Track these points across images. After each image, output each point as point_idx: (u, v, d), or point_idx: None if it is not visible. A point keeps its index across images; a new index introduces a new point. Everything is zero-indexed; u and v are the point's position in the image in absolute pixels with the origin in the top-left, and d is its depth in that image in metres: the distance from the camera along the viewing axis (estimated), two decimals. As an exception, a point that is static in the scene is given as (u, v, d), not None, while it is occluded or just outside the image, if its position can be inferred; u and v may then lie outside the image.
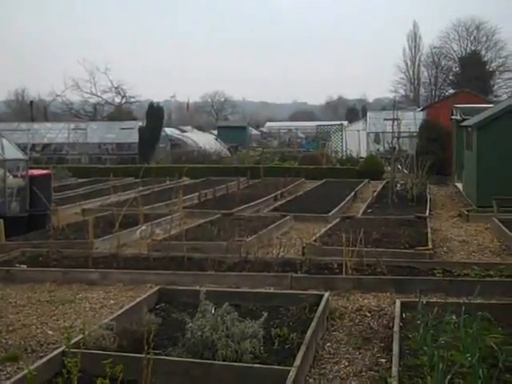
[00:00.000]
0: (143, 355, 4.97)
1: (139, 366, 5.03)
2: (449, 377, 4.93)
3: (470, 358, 5.47)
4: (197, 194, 18.75)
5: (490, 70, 65.09)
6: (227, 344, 5.71)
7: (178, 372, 5.38)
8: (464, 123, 20.20)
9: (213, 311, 6.32)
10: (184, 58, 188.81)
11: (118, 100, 66.43)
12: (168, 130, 41.54)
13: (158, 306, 7.72)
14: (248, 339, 5.88)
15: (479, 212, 15.12)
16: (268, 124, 76.75)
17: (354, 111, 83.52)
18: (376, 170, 25.69)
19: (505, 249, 11.32)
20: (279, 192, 19.83)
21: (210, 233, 12.32)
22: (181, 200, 14.53)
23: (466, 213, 15.01)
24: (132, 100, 66.56)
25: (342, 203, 16.92)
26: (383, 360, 6.15)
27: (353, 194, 19.27)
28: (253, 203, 17.19)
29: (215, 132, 50.58)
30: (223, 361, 5.58)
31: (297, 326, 6.78)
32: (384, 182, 22.18)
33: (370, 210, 15.96)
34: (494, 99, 43.72)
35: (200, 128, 57.96)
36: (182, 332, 6.11)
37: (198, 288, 7.93)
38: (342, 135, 36.32)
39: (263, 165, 28.33)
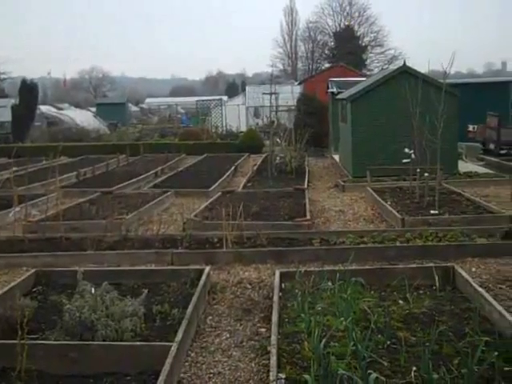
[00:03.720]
0: (17, 341, 4.82)
1: (14, 353, 4.88)
2: (324, 340, 5.09)
3: (344, 322, 5.70)
4: (75, 172, 18.29)
5: (363, 44, 67.06)
6: (107, 324, 5.64)
7: (56, 355, 5.24)
8: (339, 96, 20.76)
9: (92, 291, 6.21)
10: (61, 33, 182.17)
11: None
12: (44, 108, 40.12)
13: (34, 290, 7.48)
14: (128, 317, 5.83)
15: (354, 182, 15.67)
16: (148, 100, 75.74)
17: (234, 86, 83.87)
18: (256, 144, 25.97)
19: (377, 216, 11.80)
20: (160, 168, 19.68)
21: (89, 212, 12.06)
22: (57, 179, 14.08)
23: (342, 183, 15.51)
24: (3, 77, 63.44)
25: (223, 178, 17.02)
26: (263, 329, 6.27)
27: (233, 168, 19.41)
28: (133, 180, 16.98)
29: (94, 109, 49.34)
30: (103, 341, 5.50)
31: (178, 302, 6.79)
32: (264, 155, 22.47)
33: (250, 184, 16.15)
34: (367, 73, 45.17)
35: (78, 105, 56.31)
36: (60, 314, 5.97)
37: (76, 268, 7.73)
38: (221, 110, 36.42)
39: (143, 141, 28.01)
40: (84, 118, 41.22)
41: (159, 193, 14.28)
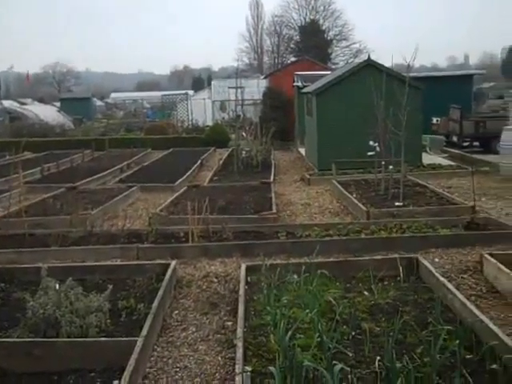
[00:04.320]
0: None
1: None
2: (290, 333, 5.12)
3: (309, 314, 5.74)
4: (39, 168, 18.07)
5: (328, 38, 67.24)
6: (71, 320, 5.60)
7: (19, 353, 5.19)
8: (304, 90, 20.83)
9: (57, 287, 6.15)
10: (25, 27, 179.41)
11: None
12: (6, 103, 39.52)
13: (-3, 287, 7.39)
14: (93, 313, 5.80)
15: (320, 175, 15.75)
16: (113, 95, 74.99)
17: (200, 80, 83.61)
18: (222, 138, 25.92)
19: (343, 209, 11.88)
20: (125, 163, 19.54)
21: (53, 207, 11.93)
22: (21, 175, 13.90)
23: (308, 176, 15.59)
24: (-38, 72, 62.35)
25: (189, 172, 16.96)
26: (230, 323, 6.28)
27: (199, 162, 19.37)
28: (98, 175, 16.83)
29: (58, 104, 48.72)
30: (68, 337, 5.46)
31: (144, 297, 6.78)
32: (230, 149, 22.45)
33: (216, 178, 16.14)
34: (333, 66, 45.36)
35: (41, 100, 55.57)
36: (24, 312, 5.91)
37: (40, 265, 7.64)
38: (187, 104, 36.26)
39: (108, 136, 27.76)
40: (48, 113, 40.61)
41: (125, 188, 14.18)
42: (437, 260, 8.20)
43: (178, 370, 5.31)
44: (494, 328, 5.27)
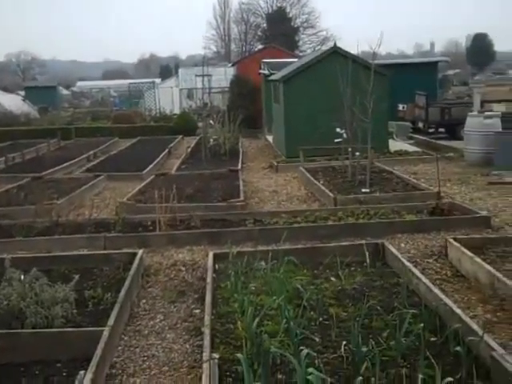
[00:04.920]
0: None
1: None
2: (257, 319, 5.14)
3: (277, 301, 5.77)
4: (3, 158, 17.83)
5: (295, 26, 67.19)
6: (36, 311, 5.54)
7: (-17, 346, 5.13)
8: (271, 77, 20.81)
9: (21, 278, 6.09)
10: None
11: None
12: (-32, 92, 38.76)
13: (-39, 279, 7.27)
14: (59, 304, 5.74)
15: (288, 162, 15.78)
16: (79, 83, 74.21)
17: (167, 69, 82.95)
18: (189, 126, 25.82)
19: (310, 196, 11.93)
20: (92, 152, 19.37)
21: (18, 198, 11.77)
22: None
23: (276, 164, 15.61)
24: None
25: (156, 160, 16.88)
26: (197, 311, 6.28)
27: (167, 150, 19.28)
28: (65, 165, 16.65)
29: (22, 93, 47.96)
30: (33, 328, 5.41)
31: (111, 286, 6.73)
32: (197, 137, 22.37)
33: (184, 166, 16.08)
34: (300, 54, 45.35)
35: (5, 89, 54.61)
36: (-12, 303, 5.83)
37: (4, 256, 7.54)
38: (154, 93, 36.02)
39: (75, 125, 27.47)
40: (12, 102, 39.90)
41: (91, 177, 14.06)
42: (403, 245, 8.29)
43: (145, 358, 5.30)
44: (458, 311, 5.35)
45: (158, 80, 49.89)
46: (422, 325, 5.12)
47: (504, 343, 5.07)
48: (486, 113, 15.27)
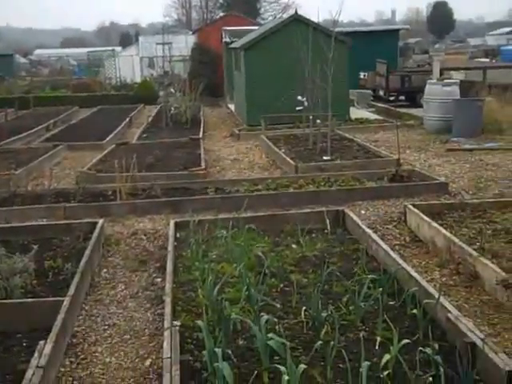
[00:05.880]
0: None
1: None
2: (218, 287, 5.16)
3: (238, 268, 5.80)
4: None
5: (257, -7, 66.48)
6: (-5, 282, 5.48)
7: None
8: (232, 45, 20.65)
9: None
10: None
11: None
12: None
13: None
14: (18, 275, 5.69)
15: (249, 131, 15.76)
16: (37, 52, 72.64)
17: (128, 37, 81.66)
18: (150, 95, 25.52)
19: (272, 164, 11.95)
20: (51, 122, 19.02)
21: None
22: None
23: (237, 132, 15.57)
24: None
25: (117, 130, 16.68)
26: (159, 279, 6.29)
27: (128, 119, 19.06)
28: (23, 135, 16.35)
29: (-24, 62, 46.77)
30: (-8, 299, 5.36)
31: (72, 256, 6.67)
32: (159, 106, 22.16)
33: (145, 135, 15.95)
34: (262, 22, 45.00)
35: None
36: None
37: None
38: (115, 61, 35.46)
39: (33, 94, 26.91)
40: (-34, 71, 38.96)
41: (50, 147, 13.84)
42: (363, 212, 8.38)
43: (106, 327, 5.30)
44: (416, 275, 5.46)
45: (118, 48, 49.09)
46: (380, 289, 5.21)
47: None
48: (445, 80, 15.40)
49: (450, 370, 3.95)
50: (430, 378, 3.95)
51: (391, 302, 5.21)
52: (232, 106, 21.49)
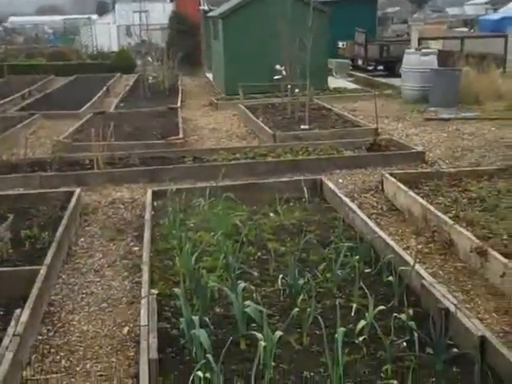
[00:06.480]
0: None
1: None
2: (196, 255, 5.17)
3: (215, 236, 5.81)
4: None
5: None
6: (-30, 251, 5.45)
7: None
8: (211, 14, 20.44)
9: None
10: None
11: None
12: None
13: None
14: (-6, 243, 5.66)
15: (227, 100, 15.68)
16: (12, 19, 71.23)
17: (104, 4, 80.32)
18: (128, 64, 25.29)
19: (250, 133, 11.92)
20: (27, 90, 18.75)
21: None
22: None
23: (216, 101, 15.49)
24: None
25: (94, 99, 16.47)
26: (136, 248, 6.28)
27: (105, 88, 18.84)
28: (-3, 104, 16.13)
29: None
30: (-33, 268, 5.33)
31: (48, 226, 6.62)
32: (136, 75, 21.96)
33: (122, 104, 15.80)
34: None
35: None
36: None
37: None
38: (91, 29, 34.98)
39: (8, 63, 26.48)
40: None
41: (26, 115, 13.68)
42: (340, 181, 8.41)
43: (84, 296, 5.29)
44: (392, 243, 5.50)
45: (94, 16, 48.35)
46: (357, 257, 5.27)
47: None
48: (423, 50, 15.39)
49: (423, 336, 4.01)
50: (404, 343, 4.02)
51: (367, 270, 5.26)
52: (210, 76, 21.34)
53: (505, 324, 4.51)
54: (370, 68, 21.71)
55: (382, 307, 4.31)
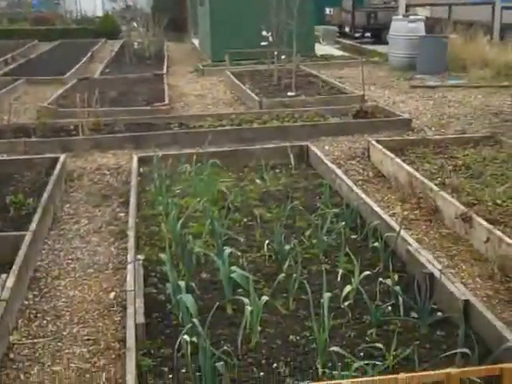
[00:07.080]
0: None
1: None
2: (181, 221, 5.17)
3: (201, 202, 5.81)
4: None
5: None
6: (-45, 217, 5.40)
7: None
8: (197, -22, 20.16)
9: None
10: None
11: None
12: None
13: None
14: (-22, 209, 5.62)
15: (214, 66, 15.55)
16: (-7, -17, 70.03)
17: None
18: (113, 30, 24.99)
19: (237, 99, 11.86)
20: (10, 55, 18.47)
21: None
22: None
23: (202, 68, 15.36)
24: None
25: (79, 64, 16.27)
26: (122, 214, 6.25)
27: (90, 54, 18.63)
28: (-20, 69, 15.91)
29: None
30: (-48, 234, 5.29)
31: (33, 192, 6.59)
32: (121, 41, 21.70)
33: (107, 70, 15.63)
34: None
35: None
36: None
37: None
38: (75, -7, 34.43)
39: (-11, 27, 26.15)
40: None
41: (9, 81, 13.50)
42: (327, 148, 8.40)
43: (70, 261, 5.28)
44: (378, 209, 5.52)
45: (78, -20, 47.52)
46: (343, 223, 5.29)
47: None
48: (411, 17, 15.30)
49: (408, 300, 4.05)
50: (389, 308, 4.06)
51: (353, 236, 5.29)
52: (196, 42, 21.13)
53: (488, 289, 4.56)
54: (357, 35, 21.59)
55: (367, 273, 4.34)
